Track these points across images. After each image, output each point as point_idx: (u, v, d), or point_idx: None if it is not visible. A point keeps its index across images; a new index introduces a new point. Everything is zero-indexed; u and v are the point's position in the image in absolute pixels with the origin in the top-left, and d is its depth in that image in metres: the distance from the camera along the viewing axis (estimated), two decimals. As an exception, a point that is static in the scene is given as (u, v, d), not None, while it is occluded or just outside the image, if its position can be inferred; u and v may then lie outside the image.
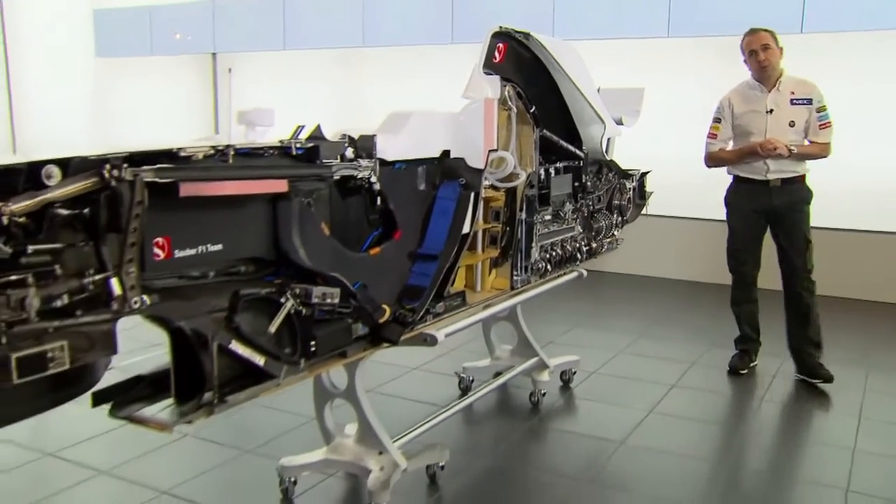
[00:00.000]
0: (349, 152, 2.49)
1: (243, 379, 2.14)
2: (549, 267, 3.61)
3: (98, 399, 2.02)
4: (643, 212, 4.82)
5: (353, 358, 2.61)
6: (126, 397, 2.06)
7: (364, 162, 2.50)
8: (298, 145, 2.28)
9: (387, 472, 2.85)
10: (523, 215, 3.36)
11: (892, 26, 5.82)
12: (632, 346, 4.97)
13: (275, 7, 8.43)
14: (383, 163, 2.70)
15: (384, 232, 2.79)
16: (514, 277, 3.40)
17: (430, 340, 2.79)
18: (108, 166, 1.67)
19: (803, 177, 4.30)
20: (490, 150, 3.12)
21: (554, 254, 3.65)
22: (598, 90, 4.36)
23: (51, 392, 1.81)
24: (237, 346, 2.06)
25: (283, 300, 2.17)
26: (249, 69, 9.18)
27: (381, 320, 2.59)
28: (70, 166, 1.62)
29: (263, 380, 2.18)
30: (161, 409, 2.03)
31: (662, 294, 6.50)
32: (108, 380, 1.99)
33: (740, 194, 4.42)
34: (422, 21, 7.62)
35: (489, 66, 3.20)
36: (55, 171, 1.59)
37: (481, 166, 3.04)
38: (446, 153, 3.00)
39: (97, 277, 1.70)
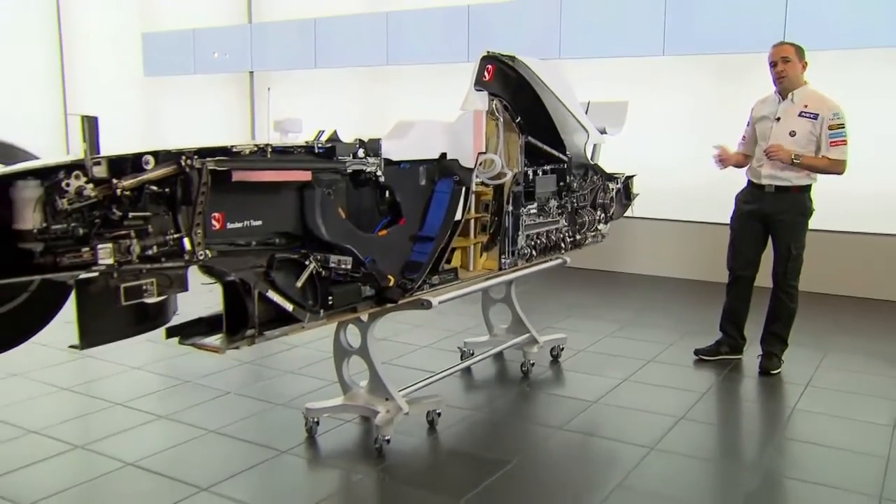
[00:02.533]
0: (360, 152, 3.17)
1: (276, 322, 2.83)
2: (534, 253, 4.25)
3: (170, 333, 2.73)
4: (630, 212, 5.44)
5: (362, 312, 3.28)
6: (190, 331, 2.76)
7: (371, 159, 3.17)
8: (320, 145, 2.97)
9: (392, 414, 3.51)
10: (510, 208, 4.01)
11: (867, 45, 6.40)
12: (619, 331, 5.58)
13: (307, 30, 9.19)
14: (391, 162, 3.38)
15: (391, 218, 3.47)
16: (503, 260, 4.05)
17: (426, 304, 3.45)
18: (184, 157, 2.36)
19: (800, 188, 4.53)
20: (479, 153, 3.78)
21: (539, 242, 4.29)
22: (588, 103, 5.02)
23: (141, 322, 2.51)
24: (273, 295, 2.75)
25: (307, 263, 2.86)
26: (284, 86, 9.93)
27: (387, 286, 3.26)
28: (159, 156, 2.32)
29: (291, 323, 2.86)
30: (215, 339, 2.72)
31: (655, 290, 7.09)
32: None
33: (743, 195, 4.79)
34: (440, 42, 8.31)
35: (480, 84, 3.87)
36: (151, 159, 2.29)
37: (472, 166, 3.71)
38: (443, 155, 3.67)
39: (175, 236, 2.39)
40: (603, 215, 4.95)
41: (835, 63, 6.66)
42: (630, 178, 5.32)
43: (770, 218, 4.63)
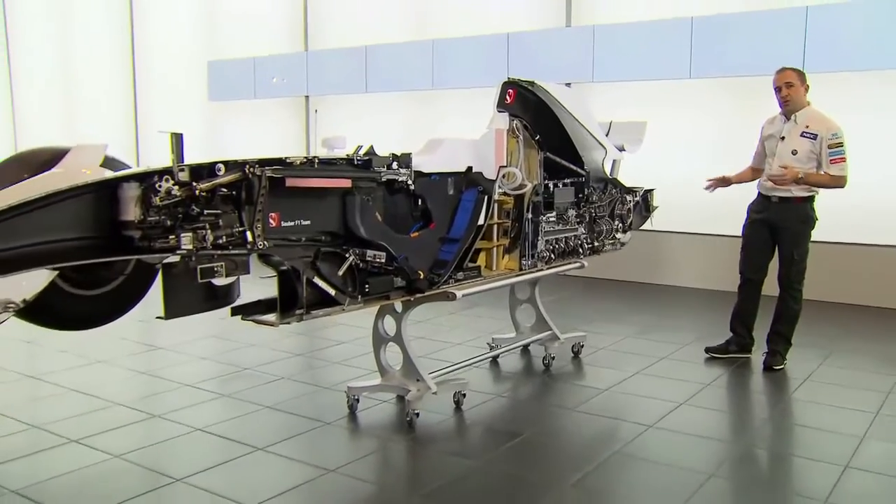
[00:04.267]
0: (394, 165, 3.73)
1: (321, 304, 3.40)
2: (552, 256, 4.75)
3: (234, 311, 3.32)
4: (649, 223, 5.89)
5: (394, 301, 3.84)
6: (251, 310, 3.35)
7: (403, 170, 3.73)
8: (358, 158, 3.54)
9: (421, 392, 4.04)
10: (529, 215, 4.52)
11: (881, 67, 6.78)
12: (639, 333, 6.02)
13: (358, 57, 9.87)
14: (422, 174, 3.94)
15: (423, 223, 4.03)
16: (523, 262, 4.56)
17: (450, 296, 3.97)
18: (248, 166, 2.95)
19: (802, 199, 4.93)
20: (501, 167, 4.32)
21: (557, 246, 4.79)
22: (611, 123, 5.52)
23: (212, 300, 3.11)
24: (318, 281, 3.32)
25: (347, 256, 3.43)
26: (337, 109, 10.61)
27: (417, 279, 3.80)
28: (228, 165, 2.91)
29: (332, 305, 3.42)
30: (271, 316, 3.30)
31: (678, 299, 7.50)
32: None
33: (753, 205, 5.24)
34: (482, 67, 8.87)
35: (502, 106, 4.45)
36: (222, 167, 2.88)
37: (494, 178, 4.25)
38: (469, 168, 4.22)
39: (240, 229, 2.97)
40: (621, 225, 5.42)
41: (850, 84, 7.05)
42: (649, 191, 5.78)
43: (775, 226, 5.05)
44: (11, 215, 2.50)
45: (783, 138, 5.02)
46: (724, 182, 5.45)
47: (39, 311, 2.94)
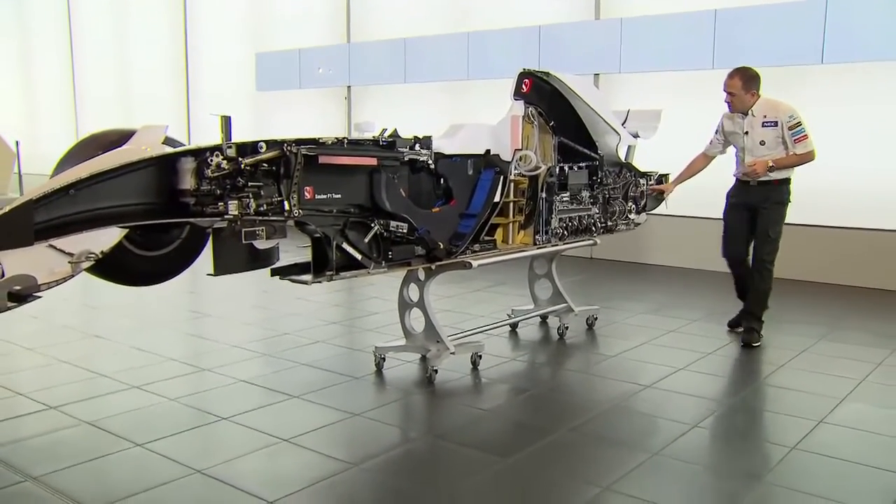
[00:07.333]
0: (417, 146, 4.18)
1: (349, 268, 3.87)
2: (566, 233, 5.16)
3: (274, 272, 3.81)
4: (664, 206, 6.24)
5: (415, 268, 4.30)
6: (288, 271, 3.84)
7: (424, 151, 4.18)
8: (383, 139, 4.00)
9: (440, 351, 4.49)
10: (543, 195, 4.93)
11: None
12: (654, 310, 6.39)
13: (398, 49, 10.34)
14: (444, 156, 4.38)
15: (445, 200, 4.47)
16: (537, 237, 4.97)
17: (467, 265, 4.41)
18: (286, 144, 3.43)
19: (778, 181, 5.25)
20: (516, 150, 4.74)
21: (571, 224, 5.19)
22: (628, 111, 5.89)
23: (255, 262, 3.60)
24: (347, 247, 3.79)
25: (372, 225, 3.89)
26: (378, 99, 11.10)
27: (437, 249, 4.25)
28: (269, 143, 3.39)
29: (359, 268, 3.89)
30: (305, 276, 3.78)
31: (697, 281, 7.80)
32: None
33: (732, 191, 5.58)
34: (516, 59, 9.21)
35: (518, 95, 4.85)
36: (264, 145, 3.36)
37: (510, 160, 4.67)
38: (488, 151, 4.65)
39: (278, 199, 3.44)
40: (634, 206, 5.79)
41: (869, 74, 7.30)
42: (664, 175, 6.13)
43: (755, 207, 5.34)
44: (91, 183, 3.01)
45: (747, 133, 5.33)
46: (663, 191, 5.94)
47: (112, 268, 3.47)
